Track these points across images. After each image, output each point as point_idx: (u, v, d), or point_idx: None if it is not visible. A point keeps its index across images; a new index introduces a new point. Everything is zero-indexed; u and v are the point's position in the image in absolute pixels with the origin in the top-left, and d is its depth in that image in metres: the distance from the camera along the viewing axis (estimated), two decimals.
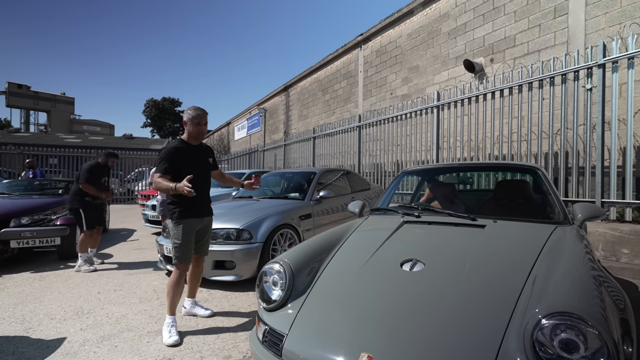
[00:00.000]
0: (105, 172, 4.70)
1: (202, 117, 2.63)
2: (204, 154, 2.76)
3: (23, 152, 13.41)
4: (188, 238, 2.58)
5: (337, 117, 11.65)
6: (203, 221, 2.71)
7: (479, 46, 7.05)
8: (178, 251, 2.56)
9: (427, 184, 3.45)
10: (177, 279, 2.56)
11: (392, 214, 2.61)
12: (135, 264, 4.67)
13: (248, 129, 21.58)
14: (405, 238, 2.10)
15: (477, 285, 1.48)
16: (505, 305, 1.33)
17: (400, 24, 9.29)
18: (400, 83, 9.25)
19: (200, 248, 2.80)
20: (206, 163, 2.76)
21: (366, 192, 5.95)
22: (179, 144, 2.62)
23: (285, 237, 3.89)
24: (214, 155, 2.89)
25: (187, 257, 2.60)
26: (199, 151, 2.72)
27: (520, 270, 1.54)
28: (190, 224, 2.59)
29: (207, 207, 2.78)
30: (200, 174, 2.62)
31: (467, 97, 5.87)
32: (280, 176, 5.62)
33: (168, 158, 2.53)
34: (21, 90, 58.49)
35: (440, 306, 1.41)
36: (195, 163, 2.64)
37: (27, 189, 6.33)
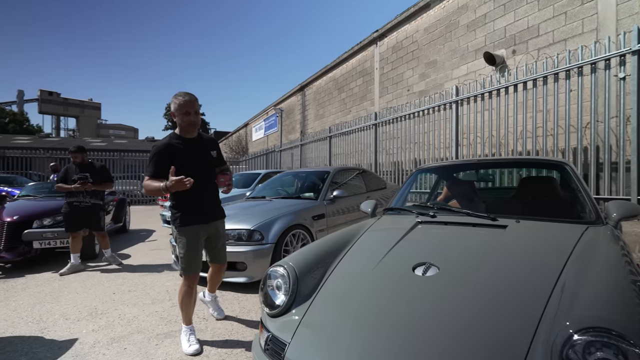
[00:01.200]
0: (83, 169, 4.52)
1: (190, 104, 2.17)
2: (205, 148, 2.34)
3: (52, 156, 13.97)
4: (194, 247, 2.28)
5: (353, 116, 11.49)
6: (211, 226, 2.36)
7: (499, 38, 6.75)
8: (183, 261, 2.28)
9: (444, 182, 3.30)
10: (186, 290, 2.32)
11: (406, 214, 2.47)
12: (151, 265, 4.70)
13: (265, 129, 21.70)
14: (419, 240, 1.96)
15: (496, 293, 1.34)
16: (529, 316, 1.18)
17: (416, 19, 9.04)
18: (417, 79, 9.01)
19: (217, 256, 2.47)
20: (209, 158, 2.35)
21: (382, 191, 5.80)
22: (171, 139, 2.23)
23: (298, 238, 3.81)
24: (218, 147, 2.47)
25: (194, 267, 2.31)
26: (199, 145, 2.31)
27: (546, 276, 1.38)
28: (194, 231, 2.27)
29: (215, 209, 2.42)
30: (202, 171, 2.25)
31: (487, 91, 5.61)
32: (293, 176, 5.55)
33: (158, 157, 2.16)
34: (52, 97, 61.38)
35: (455, 316, 1.27)
36: (195, 159, 2.25)
37: (51, 192, 6.53)
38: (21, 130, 45.84)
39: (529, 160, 2.68)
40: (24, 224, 4.60)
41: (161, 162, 2.16)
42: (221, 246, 2.49)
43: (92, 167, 4.66)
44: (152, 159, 2.18)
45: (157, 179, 2.14)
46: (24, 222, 4.61)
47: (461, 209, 2.25)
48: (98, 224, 4.57)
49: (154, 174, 2.16)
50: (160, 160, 2.16)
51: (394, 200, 2.84)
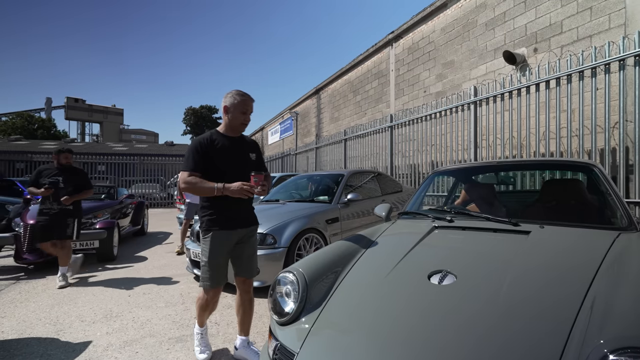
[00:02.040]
0: (61, 172, 3.99)
1: (249, 103, 2.10)
2: (245, 149, 2.20)
3: (76, 161, 14.46)
4: (218, 255, 2.07)
5: (369, 118, 11.39)
6: (240, 233, 2.15)
7: (520, 36, 6.53)
8: (205, 271, 2.07)
9: (462, 185, 3.18)
10: (204, 304, 2.14)
11: (422, 218, 2.37)
12: (167, 267, 4.75)
13: (281, 133, 21.83)
14: (435, 245, 1.87)
15: (517, 306, 1.24)
16: (556, 332, 1.08)
17: (433, 19, 8.89)
18: (434, 80, 8.84)
19: (243, 267, 2.20)
20: (248, 160, 2.19)
21: (398, 194, 5.69)
22: (212, 135, 2.10)
23: (311, 241, 3.75)
24: (259, 151, 2.30)
25: (217, 279, 2.10)
26: (239, 145, 2.17)
27: (574, 288, 1.27)
28: (221, 237, 2.07)
29: (248, 215, 2.22)
30: (239, 172, 2.08)
31: (507, 91, 5.43)
32: (308, 179, 5.52)
33: (198, 150, 2.01)
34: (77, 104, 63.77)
35: (471, 329, 1.18)
36: (234, 159, 2.10)
37: None
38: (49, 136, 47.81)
39: (554, 162, 2.54)
40: None
41: (203, 156, 2.02)
42: (248, 256, 2.21)
43: (72, 171, 4.09)
44: (192, 152, 2.01)
45: (197, 174, 2.00)
46: None
47: (480, 213, 2.14)
48: (64, 231, 3.93)
49: (195, 169, 2.00)
50: (203, 154, 2.02)
51: (409, 203, 2.74)
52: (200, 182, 1.97)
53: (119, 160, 15.92)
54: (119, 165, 15.82)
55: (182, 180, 1.99)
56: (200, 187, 1.98)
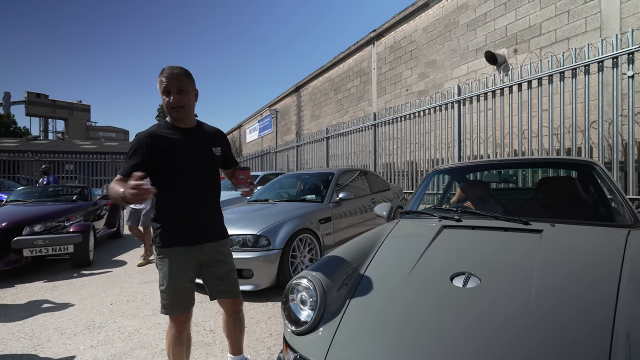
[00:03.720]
0: None
1: (169, 79, 1.58)
2: (204, 142, 1.73)
3: (40, 159, 13.58)
4: (176, 277, 1.64)
5: (350, 117, 11.39)
6: (203, 250, 1.71)
7: (500, 37, 6.70)
8: (165, 297, 1.65)
9: (457, 183, 3.18)
10: (174, 337, 1.69)
11: (426, 218, 2.34)
12: (149, 271, 4.50)
13: (260, 131, 21.49)
14: (449, 246, 1.83)
15: (553, 308, 1.21)
16: (599, 335, 1.06)
17: (415, 18, 8.98)
18: (416, 79, 8.94)
19: (221, 288, 1.78)
20: (210, 155, 1.73)
21: (385, 192, 5.69)
22: (158, 128, 1.66)
23: (305, 242, 3.66)
24: (226, 143, 1.85)
25: (180, 305, 1.67)
26: (196, 137, 1.71)
27: (604, 289, 1.26)
28: (178, 256, 1.65)
29: (214, 226, 1.76)
30: (201, 172, 1.67)
31: (490, 90, 5.55)
32: (296, 178, 5.41)
33: (137, 151, 1.58)
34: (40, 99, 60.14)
35: (509, 333, 1.14)
36: (190, 157, 1.65)
37: (42, 196, 6.28)
38: (7, 133, 44.81)
39: (555, 160, 2.58)
40: (13, 230, 4.37)
41: (141, 157, 1.56)
42: (226, 275, 1.78)
43: None
44: (131, 152, 1.59)
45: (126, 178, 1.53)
46: (13, 229, 4.38)
47: (489, 212, 2.12)
48: None
49: (127, 172, 1.52)
50: (140, 154, 1.57)
51: (410, 202, 2.71)
52: (111, 188, 1.47)
53: (88, 159, 15.09)
54: (88, 164, 15.00)
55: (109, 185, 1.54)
56: (111, 193, 1.47)
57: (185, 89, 1.62)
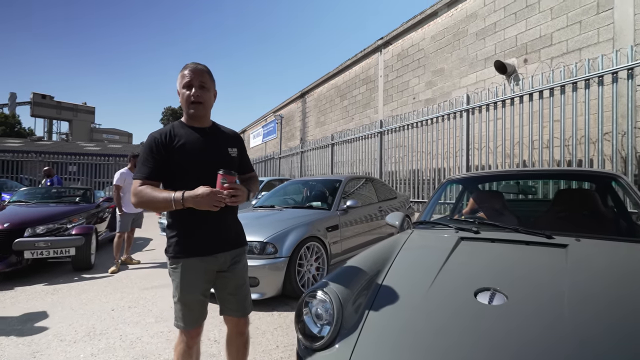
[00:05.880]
0: None
1: (193, 74, 1.54)
2: (221, 142, 1.64)
3: (44, 160, 13.60)
4: (191, 291, 1.56)
5: (356, 124, 11.37)
6: (220, 260, 1.61)
7: (510, 46, 6.67)
8: (177, 310, 1.58)
9: (469, 193, 3.12)
10: (183, 350, 1.59)
11: (442, 229, 2.27)
12: (151, 277, 4.43)
13: (264, 136, 21.51)
14: (469, 260, 1.76)
15: (588, 330, 1.13)
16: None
17: (423, 26, 8.98)
18: (423, 87, 8.92)
19: (232, 304, 1.67)
20: (226, 157, 1.63)
21: (392, 201, 5.63)
22: (173, 128, 1.58)
23: (312, 250, 3.59)
24: (242, 145, 1.75)
25: (188, 320, 1.57)
26: (213, 137, 1.62)
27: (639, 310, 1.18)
28: (194, 267, 1.56)
29: (233, 233, 1.66)
30: (212, 175, 1.49)
31: (500, 100, 5.52)
32: (302, 184, 5.35)
33: (153, 151, 1.51)
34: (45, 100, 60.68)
35: (545, 358, 1.07)
36: (206, 157, 1.56)
37: (44, 197, 6.24)
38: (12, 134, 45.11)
39: (579, 172, 2.50)
40: (15, 232, 4.31)
41: (162, 158, 1.49)
42: (237, 288, 1.67)
43: None
44: (146, 153, 1.51)
45: (153, 182, 1.49)
46: (15, 230, 4.32)
47: (509, 225, 2.05)
48: None
49: (150, 176, 1.48)
50: (160, 155, 1.49)
51: (423, 212, 2.64)
52: (151, 194, 1.43)
53: (92, 160, 15.11)
54: (91, 166, 15.01)
55: (132, 193, 1.47)
56: (153, 200, 1.43)
57: (206, 86, 1.58)
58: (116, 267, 4.75)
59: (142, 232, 8.51)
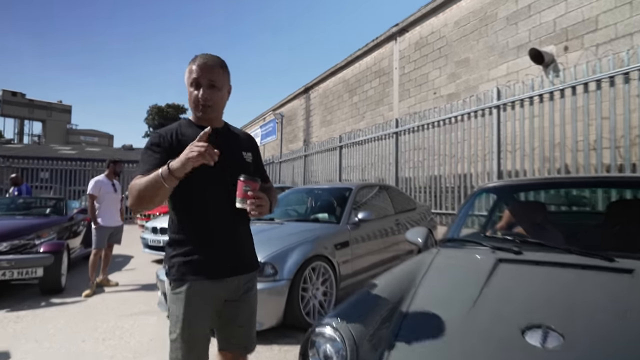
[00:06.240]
0: None
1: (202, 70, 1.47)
2: (234, 145, 1.60)
3: (11, 166, 13.69)
4: (196, 323, 1.45)
5: (368, 123, 11.32)
6: (232, 285, 1.52)
7: (547, 32, 6.59)
8: (175, 349, 1.45)
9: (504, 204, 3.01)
10: None
11: (474, 247, 2.17)
12: (131, 302, 4.35)
13: (262, 137, 21.57)
14: (511, 287, 1.65)
15: None
16: None
17: (444, 10, 8.95)
18: (445, 80, 8.86)
19: (235, 338, 1.59)
20: (239, 162, 1.57)
21: (411, 213, 5.53)
22: (180, 127, 1.55)
23: (318, 272, 3.51)
24: (257, 150, 1.73)
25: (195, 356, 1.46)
26: (225, 140, 1.55)
27: None
28: (203, 292, 1.46)
29: (243, 253, 1.59)
30: (227, 182, 1.46)
31: (537, 94, 5.44)
32: (306, 193, 5.31)
33: (155, 149, 1.46)
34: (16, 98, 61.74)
35: None
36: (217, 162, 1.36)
37: (10, 208, 6.25)
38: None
39: (636, 179, 2.38)
40: None
41: (162, 157, 1.42)
42: (246, 320, 1.60)
43: None
44: (149, 150, 1.46)
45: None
46: None
47: (557, 244, 1.95)
48: None
49: (150, 171, 1.37)
50: (161, 153, 1.44)
51: (451, 227, 2.54)
52: (140, 180, 1.35)
53: (67, 166, 15.19)
54: (66, 172, 15.09)
55: (129, 188, 1.39)
56: (142, 186, 1.33)
57: (217, 84, 1.51)
58: (91, 290, 4.69)
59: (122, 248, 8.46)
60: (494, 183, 2.81)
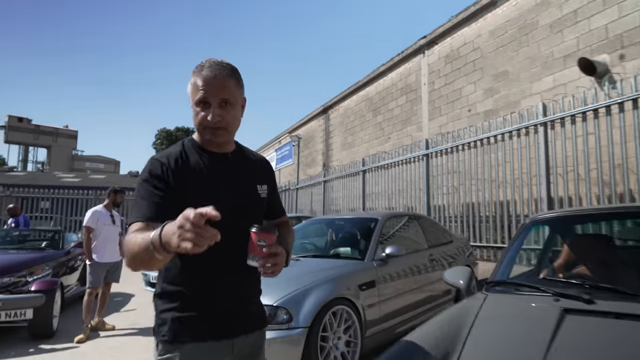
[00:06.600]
0: None
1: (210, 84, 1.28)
2: (247, 176, 1.45)
3: (12, 195, 14.16)
4: None
5: (394, 144, 11.24)
6: (235, 348, 1.36)
7: (599, 39, 6.43)
8: None
9: (561, 237, 2.80)
10: None
11: (531, 292, 1.97)
12: (127, 349, 4.26)
13: (277, 162, 21.74)
14: (587, 347, 1.44)
15: None
16: None
17: (478, 20, 8.95)
18: (481, 96, 8.74)
19: None
20: (252, 197, 1.43)
21: (447, 246, 5.32)
22: (184, 149, 1.37)
23: (340, 317, 3.36)
24: (273, 180, 1.58)
25: None
26: (237, 168, 1.42)
27: None
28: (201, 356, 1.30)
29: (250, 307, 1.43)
30: (235, 221, 1.25)
31: (591, 109, 5.26)
32: (326, 224, 5.25)
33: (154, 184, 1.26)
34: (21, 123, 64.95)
35: None
36: (225, 197, 1.31)
37: (4, 242, 6.35)
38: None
39: None
40: None
41: (164, 192, 1.25)
42: None
43: None
44: (145, 185, 1.26)
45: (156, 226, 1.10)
46: None
47: (638, 292, 1.73)
48: None
49: (153, 216, 1.19)
50: (163, 187, 1.25)
51: (500, 268, 2.33)
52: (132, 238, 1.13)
53: (69, 195, 15.62)
54: (68, 201, 15.51)
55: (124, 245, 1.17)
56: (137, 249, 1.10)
57: (231, 100, 1.32)
58: (84, 335, 4.62)
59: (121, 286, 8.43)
60: (549, 214, 2.61)
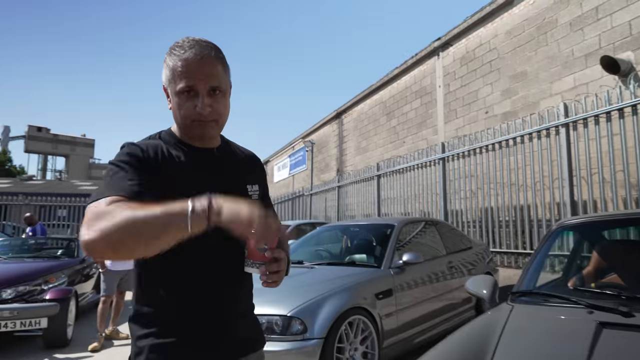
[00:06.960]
0: None
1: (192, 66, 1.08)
2: (235, 175, 1.26)
3: (30, 204, 14.42)
4: None
5: (409, 148, 11.13)
6: None
7: (622, 36, 6.25)
8: None
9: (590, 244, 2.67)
10: None
11: (561, 304, 1.86)
12: None
13: (290, 167, 21.75)
14: None
15: None
16: None
17: (494, 20, 8.82)
18: (499, 97, 8.59)
19: None
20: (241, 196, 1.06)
21: (466, 252, 5.20)
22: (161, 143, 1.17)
23: (357, 328, 3.28)
24: (264, 178, 1.39)
25: None
26: (223, 166, 1.24)
27: None
28: None
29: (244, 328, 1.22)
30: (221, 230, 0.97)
31: (615, 108, 5.08)
32: (340, 231, 5.17)
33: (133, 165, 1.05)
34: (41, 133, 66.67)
35: None
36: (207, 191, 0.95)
37: (21, 250, 6.42)
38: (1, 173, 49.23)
39: None
40: None
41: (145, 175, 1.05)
42: None
43: None
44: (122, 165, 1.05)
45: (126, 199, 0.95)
46: None
47: None
48: None
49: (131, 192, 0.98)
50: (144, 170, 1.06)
51: (525, 276, 2.22)
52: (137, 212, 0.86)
53: (86, 203, 15.81)
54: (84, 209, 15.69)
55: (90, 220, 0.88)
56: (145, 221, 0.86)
57: (222, 87, 1.13)
58: (98, 344, 4.61)
59: None
60: (577, 219, 2.49)
